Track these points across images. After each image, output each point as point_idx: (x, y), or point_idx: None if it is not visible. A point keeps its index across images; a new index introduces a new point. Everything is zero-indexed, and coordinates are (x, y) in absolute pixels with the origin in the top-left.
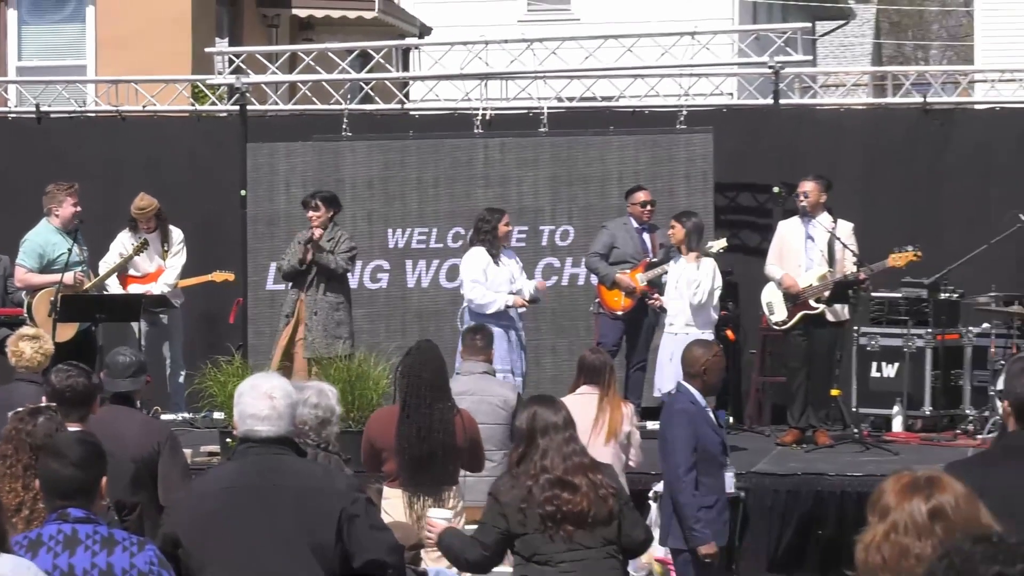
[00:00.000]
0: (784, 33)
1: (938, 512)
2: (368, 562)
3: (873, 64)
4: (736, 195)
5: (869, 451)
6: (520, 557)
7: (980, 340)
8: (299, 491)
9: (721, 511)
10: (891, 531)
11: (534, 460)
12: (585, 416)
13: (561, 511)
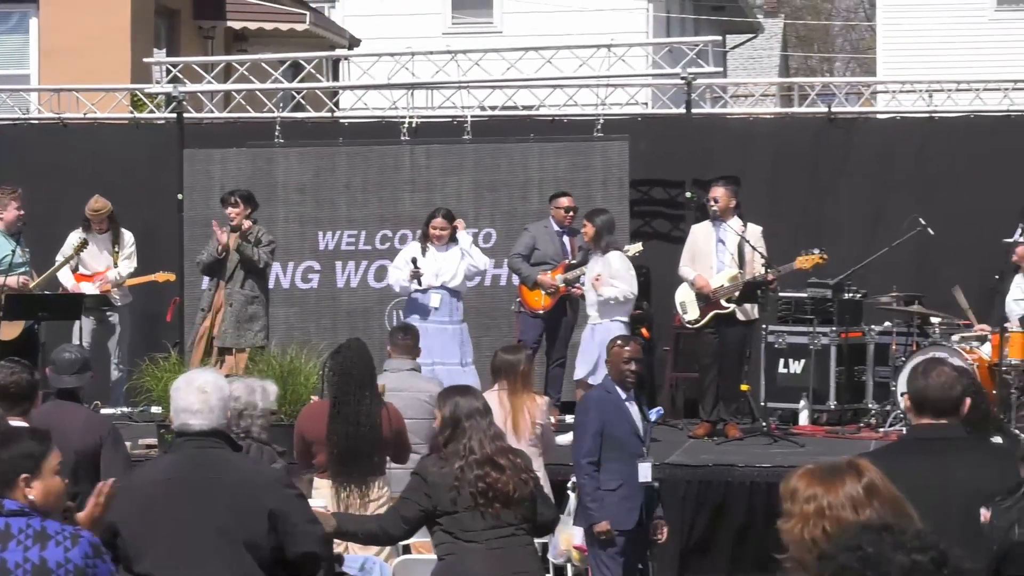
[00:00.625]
0: (696, 46)
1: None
2: (301, 554)
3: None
4: (650, 200)
5: (777, 443)
6: (447, 535)
7: (882, 338)
8: (233, 484)
9: (627, 497)
10: (824, 509)
11: (462, 443)
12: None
13: (492, 489)
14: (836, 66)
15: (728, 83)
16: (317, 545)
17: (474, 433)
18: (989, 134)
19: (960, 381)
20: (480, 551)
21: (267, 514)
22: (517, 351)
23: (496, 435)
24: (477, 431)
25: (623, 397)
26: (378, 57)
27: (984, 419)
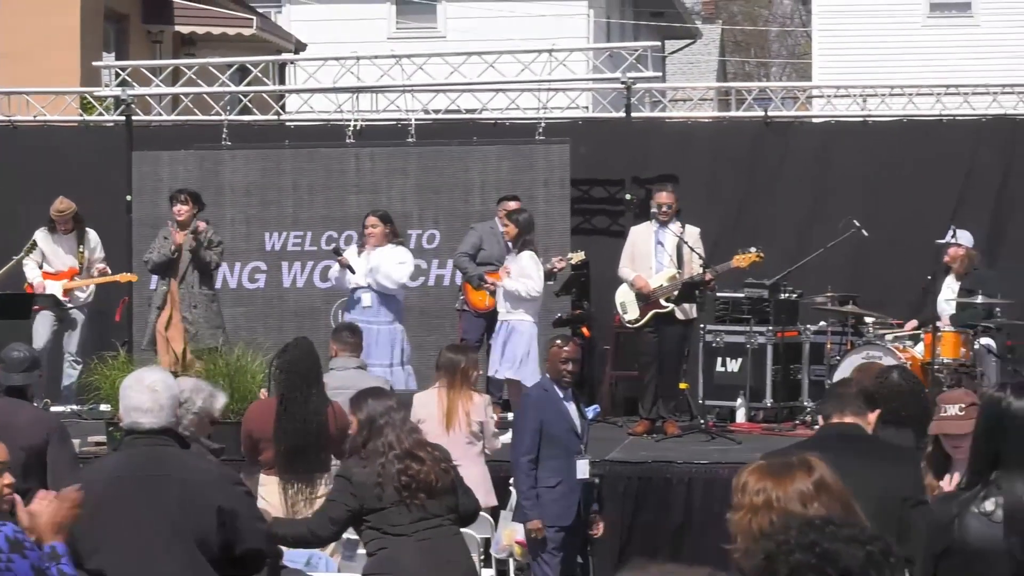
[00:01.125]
0: (635, 51)
1: (821, 484)
2: (247, 551)
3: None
4: (591, 201)
5: (714, 440)
6: (375, 531)
7: (817, 337)
8: (182, 482)
9: (566, 494)
10: (773, 501)
11: (380, 441)
12: (438, 406)
13: (416, 480)
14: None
15: (667, 87)
16: (263, 542)
17: (390, 430)
18: (922, 138)
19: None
20: (409, 543)
21: (216, 511)
22: (463, 351)
23: (412, 429)
24: (393, 428)
25: (561, 396)
26: (324, 61)
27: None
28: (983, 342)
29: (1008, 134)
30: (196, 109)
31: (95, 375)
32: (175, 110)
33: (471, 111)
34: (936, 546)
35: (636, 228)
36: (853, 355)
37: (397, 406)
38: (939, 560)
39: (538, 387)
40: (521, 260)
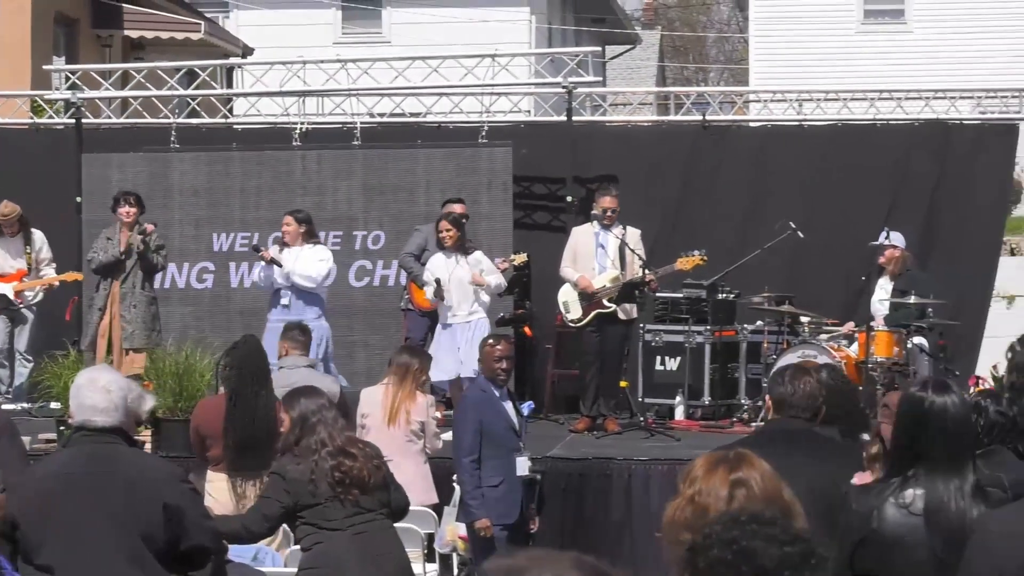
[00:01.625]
0: (576, 56)
1: (741, 482)
2: (192, 546)
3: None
4: (533, 203)
5: (653, 437)
6: (310, 527)
7: (754, 336)
8: (130, 478)
9: (508, 492)
10: (696, 495)
11: (313, 438)
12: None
13: (348, 476)
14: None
15: (607, 92)
16: (208, 538)
17: (322, 427)
18: (856, 142)
19: (821, 392)
20: (344, 537)
21: (162, 507)
22: (418, 354)
23: (343, 426)
24: (325, 425)
25: (497, 394)
26: (271, 65)
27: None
28: (916, 341)
29: (940, 138)
30: (145, 112)
31: (46, 374)
32: (124, 113)
33: (415, 115)
34: (854, 535)
35: (578, 229)
36: (789, 354)
37: (328, 404)
38: (856, 549)
39: (476, 387)
40: (482, 260)
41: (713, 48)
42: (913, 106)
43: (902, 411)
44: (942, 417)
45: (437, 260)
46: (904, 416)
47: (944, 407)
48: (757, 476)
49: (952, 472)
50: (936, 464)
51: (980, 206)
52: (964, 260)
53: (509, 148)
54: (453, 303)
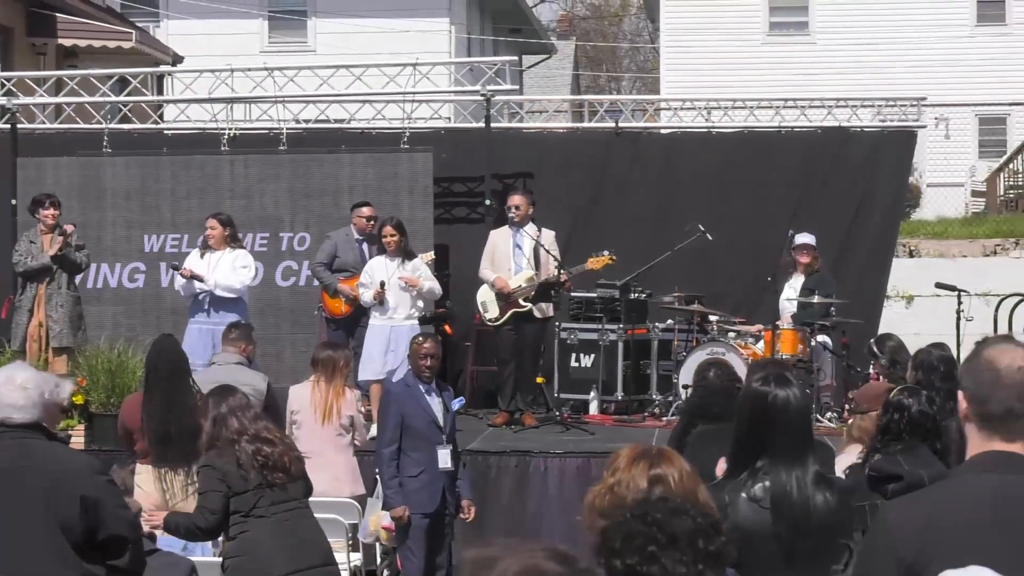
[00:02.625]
0: (495, 65)
1: (658, 479)
2: (109, 537)
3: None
4: (452, 206)
5: (569, 431)
6: (236, 515)
7: (665, 334)
8: (48, 472)
9: (428, 482)
10: (615, 485)
11: (229, 430)
12: (313, 400)
13: (271, 459)
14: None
15: (524, 99)
16: (125, 529)
17: (235, 419)
18: (762, 148)
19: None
20: (269, 524)
21: (80, 499)
22: (339, 348)
23: (256, 416)
24: (239, 417)
25: (423, 390)
26: (200, 73)
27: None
28: (820, 339)
29: (841, 145)
30: (78, 118)
31: None
32: (59, 119)
33: (340, 121)
34: None
35: (495, 232)
36: (698, 351)
37: (242, 399)
38: None
39: (400, 382)
40: (420, 267)
41: (625, 58)
42: (816, 114)
43: (746, 406)
44: (786, 410)
45: (378, 263)
46: (749, 410)
47: (787, 400)
48: (676, 473)
49: (795, 462)
50: (780, 455)
51: (878, 209)
52: (862, 261)
53: (430, 153)
54: (391, 305)
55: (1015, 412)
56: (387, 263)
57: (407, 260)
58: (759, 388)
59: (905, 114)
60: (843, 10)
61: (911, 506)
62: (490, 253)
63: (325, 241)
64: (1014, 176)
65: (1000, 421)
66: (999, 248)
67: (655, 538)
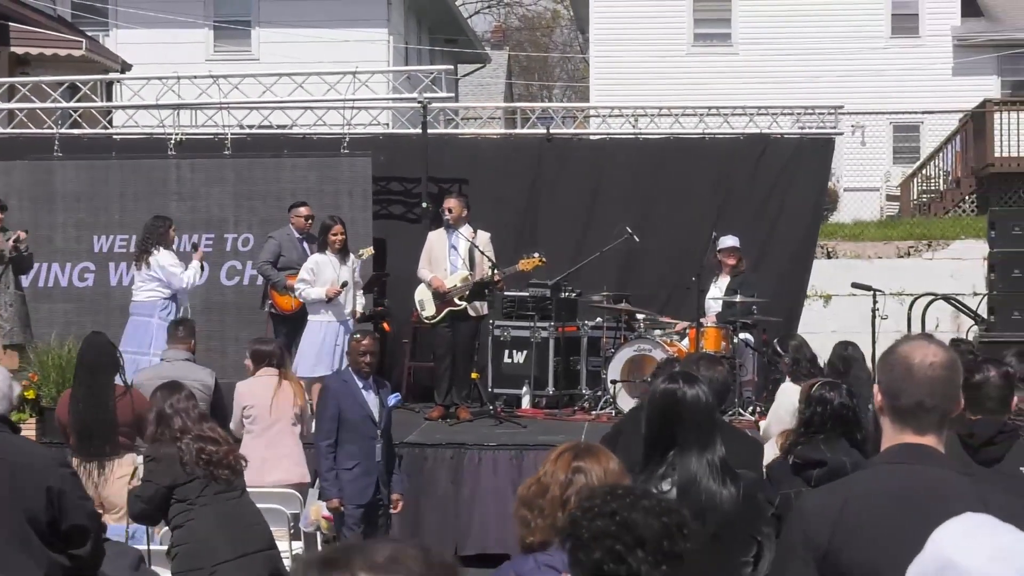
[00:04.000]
0: (431, 74)
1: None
2: (72, 527)
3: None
4: (390, 209)
5: (502, 425)
6: (182, 504)
7: (594, 332)
8: (15, 464)
9: (362, 475)
10: (543, 475)
11: (172, 428)
12: (265, 394)
13: (214, 457)
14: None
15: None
16: (87, 519)
17: (179, 418)
18: (687, 154)
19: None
20: (213, 512)
21: (45, 491)
22: (270, 341)
23: (201, 416)
24: (183, 415)
25: (360, 385)
26: (147, 80)
27: None
28: (742, 337)
29: (762, 151)
30: (30, 123)
31: None
32: (11, 124)
33: (282, 127)
34: None
35: (433, 234)
36: (626, 348)
37: (187, 396)
38: None
39: (337, 378)
40: (357, 270)
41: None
42: (738, 121)
43: (656, 403)
44: (695, 406)
45: (324, 261)
46: (657, 407)
47: (697, 397)
48: (598, 470)
49: (702, 455)
50: (689, 449)
51: (798, 213)
52: (784, 262)
53: (369, 158)
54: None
55: (925, 406)
56: (333, 261)
57: (345, 259)
58: (668, 386)
59: (823, 122)
60: (764, 22)
61: (826, 496)
62: (427, 254)
63: (268, 241)
64: (927, 181)
65: (911, 414)
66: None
67: (622, 539)
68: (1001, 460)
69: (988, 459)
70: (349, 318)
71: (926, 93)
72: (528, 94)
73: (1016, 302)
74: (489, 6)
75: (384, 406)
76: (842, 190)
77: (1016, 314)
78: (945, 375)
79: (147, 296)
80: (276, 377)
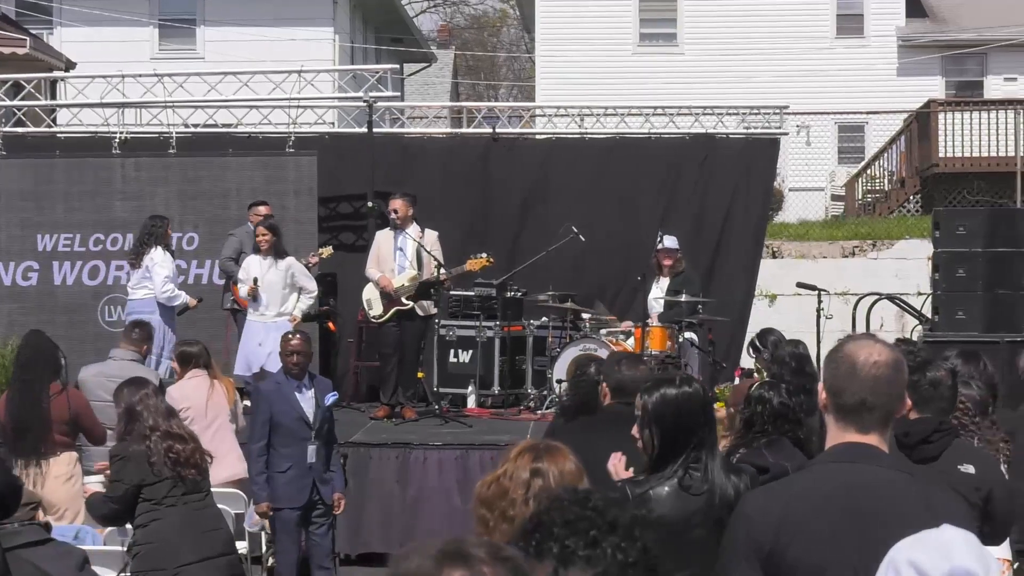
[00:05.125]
0: (377, 73)
1: (539, 472)
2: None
3: (451, 100)
4: (336, 208)
5: (448, 424)
6: (147, 503)
7: (540, 331)
8: None
9: (296, 477)
10: (502, 475)
11: (141, 425)
12: (199, 395)
13: (182, 455)
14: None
15: (405, 106)
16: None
17: (148, 415)
18: (632, 154)
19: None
20: (177, 513)
21: None
22: (195, 343)
23: (169, 412)
24: (151, 412)
25: (293, 386)
26: (92, 79)
27: None
28: (687, 336)
29: (708, 150)
30: None
31: None
32: None
33: (227, 125)
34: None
35: (380, 233)
36: (571, 347)
37: (153, 392)
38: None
39: (270, 380)
40: (293, 265)
41: (503, 67)
42: (684, 121)
43: (672, 406)
44: (707, 404)
45: (252, 261)
46: (675, 409)
47: (705, 395)
48: (556, 471)
49: (715, 451)
50: (704, 447)
51: (744, 212)
52: (730, 261)
53: (314, 157)
54: (263, 303)
55: (867, 404)
56: (260, 261)
57: (279, 259)
58: (682, 389)
59: (769, 122)
60: (710, 23)
61: (768, 497)
62: (375, 254)
63: (229, 238)
64: (871, 181)
65: (854, 412)
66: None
67: (597, 523)
68: (937, 459)
69: (924, 457)
70: (281, 319)
71: (871, 93)
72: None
73: (960, 302)
74: (435, 5)
75: (320, 407)
76: (787, 190)
77: (960, 314)
78: (889, 374)
79: (144, 294)
80: (206, 377)
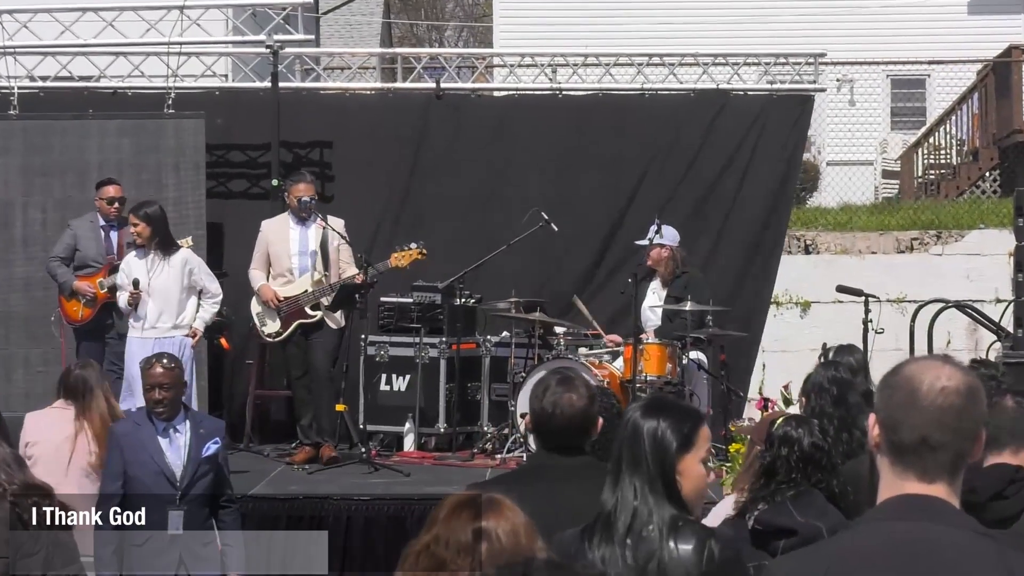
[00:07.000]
0: (284, 10)
1: (483, 534)
2: None
3: (382, 45)
4: (229, 185)
5: (378, 472)
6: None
7: (499, 350)
8: None
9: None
10: (432, 543)
11: None
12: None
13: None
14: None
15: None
16: None
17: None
18: (620, 115)
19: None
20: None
21: None
22: (86, 365)
23: (18, 461)
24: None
25: (156, 430)
26: None
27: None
28: (693, 356)
29: (719, 111)
30: None
31: None
32: None
33: (86, 78)
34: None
35: (268, 223)
36: (541, 371)
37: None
38: None
39: (128, 420)
40: (190, 259)
41: (450, 2)
42: (688, 73)
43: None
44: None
45: (132, 262)
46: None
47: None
48: (506, 528)
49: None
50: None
51: (764, 192)
52: (743, 257)
53: (201, 120)
54: (149, 313)
55: (931, 443)
56: (138, 260)
57: (168, 255)
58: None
59: (800, 74)
60: None
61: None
62: (263, 249)
63: (64, 232)
64: (935, 153)
65: (914, 454)
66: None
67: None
68: (1018, 518)
69: (1000, 518)
70: (178, 334)
71: (934, 37)
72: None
73: None
74: None
75: (193, 460)
76: (824, 164)
77: None
78: (960, 403)
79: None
80: (69, 413)
